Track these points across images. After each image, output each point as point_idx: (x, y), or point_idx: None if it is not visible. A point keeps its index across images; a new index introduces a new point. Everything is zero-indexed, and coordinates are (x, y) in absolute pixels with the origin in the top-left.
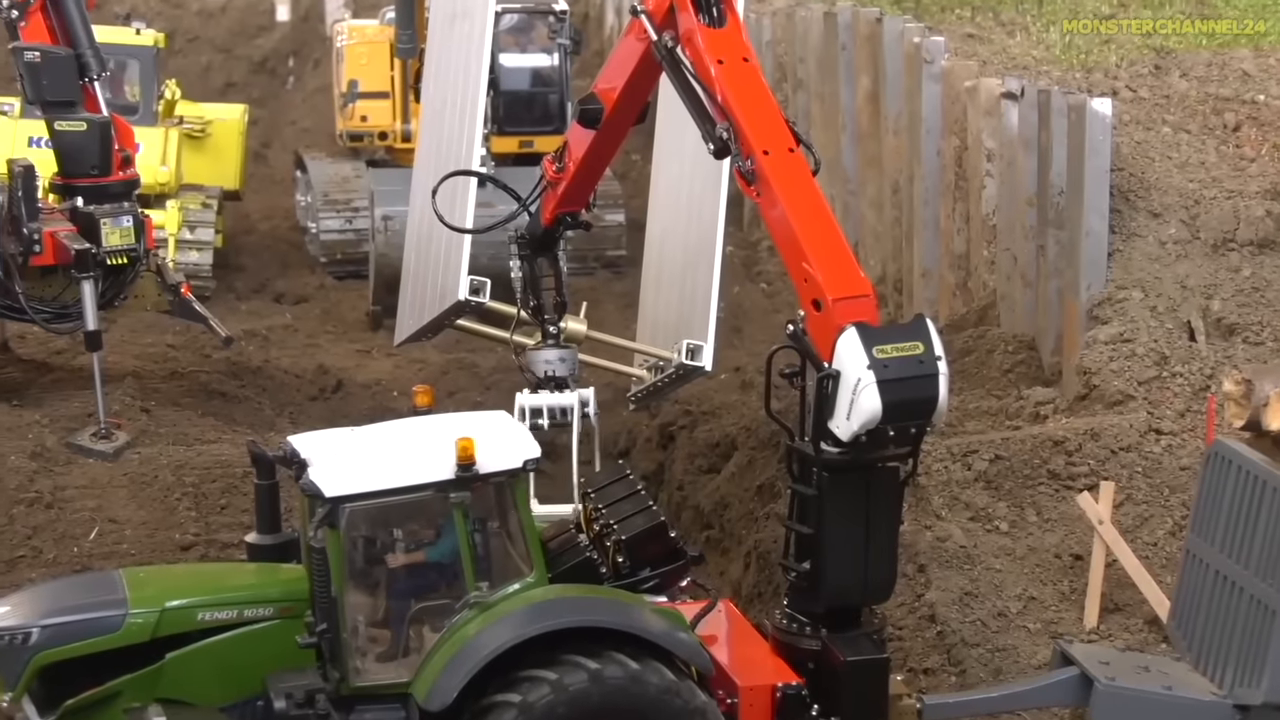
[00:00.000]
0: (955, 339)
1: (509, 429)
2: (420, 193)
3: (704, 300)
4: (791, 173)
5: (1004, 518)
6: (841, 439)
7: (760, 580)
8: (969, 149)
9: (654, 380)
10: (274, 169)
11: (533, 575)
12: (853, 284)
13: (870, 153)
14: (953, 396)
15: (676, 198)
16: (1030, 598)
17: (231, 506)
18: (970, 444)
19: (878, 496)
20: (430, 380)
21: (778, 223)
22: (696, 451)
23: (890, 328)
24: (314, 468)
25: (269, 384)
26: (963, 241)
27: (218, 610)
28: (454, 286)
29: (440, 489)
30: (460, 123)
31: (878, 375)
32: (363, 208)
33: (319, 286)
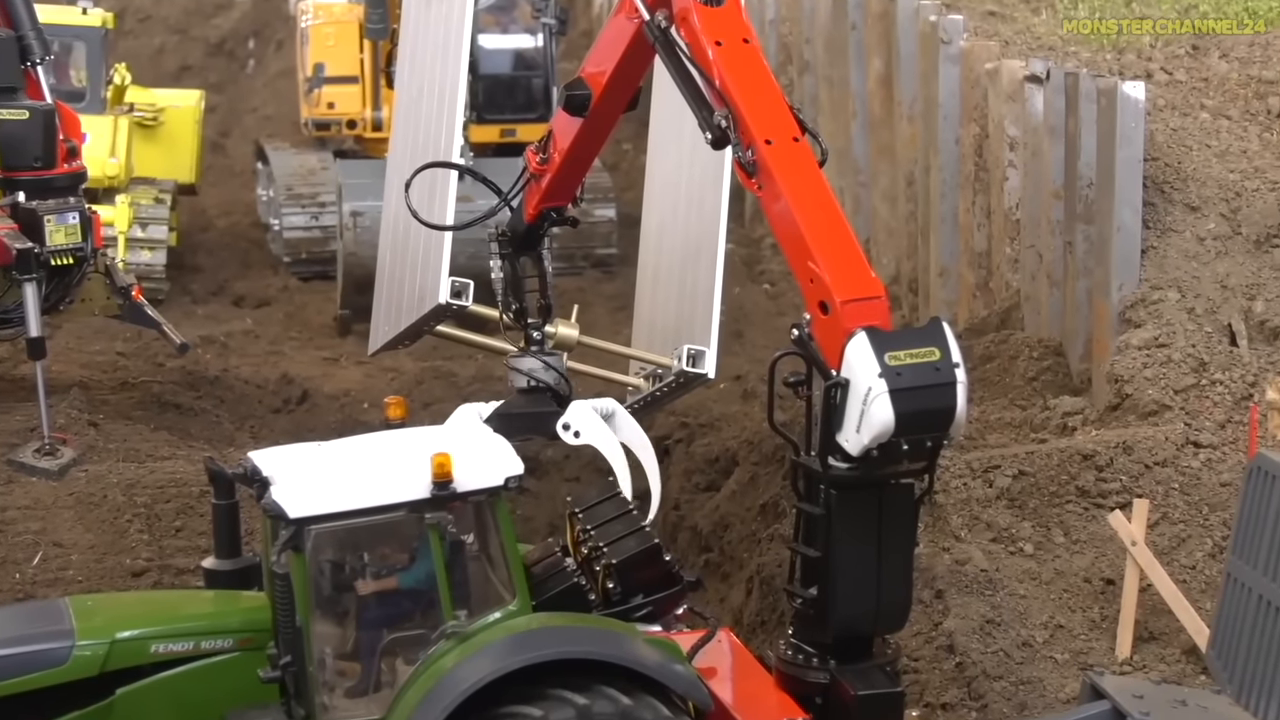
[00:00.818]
0: (975, 344)
1: (489, 443)
2: (394, 186)
3: (705, 301)
4: (796, 164)
5: (1029, 539)
6: (851, 453)
7: (763, 608)
8: (990, 137)
9: (652, 389)
10: (233, 160)
11: (515, 603)
12: (863, 285)
13: (883, 141)
14: (972, 407)
15: (674, 190)
16: (1058, 626)
17: (187, 529)
18: (992, 458)
19: (891, 516)
20: (404, 391)
21: (781, 218)
22: (694, 467)
23: (904, 332)
24: (277, 486)
25: (228, 395)
26: (983, 238)
27: (172, 642)
28: (434, 289)
29: (414, 509)
30: (438, 110)
31: (890, 384)
32: (330, 203)
33: (282, 289)
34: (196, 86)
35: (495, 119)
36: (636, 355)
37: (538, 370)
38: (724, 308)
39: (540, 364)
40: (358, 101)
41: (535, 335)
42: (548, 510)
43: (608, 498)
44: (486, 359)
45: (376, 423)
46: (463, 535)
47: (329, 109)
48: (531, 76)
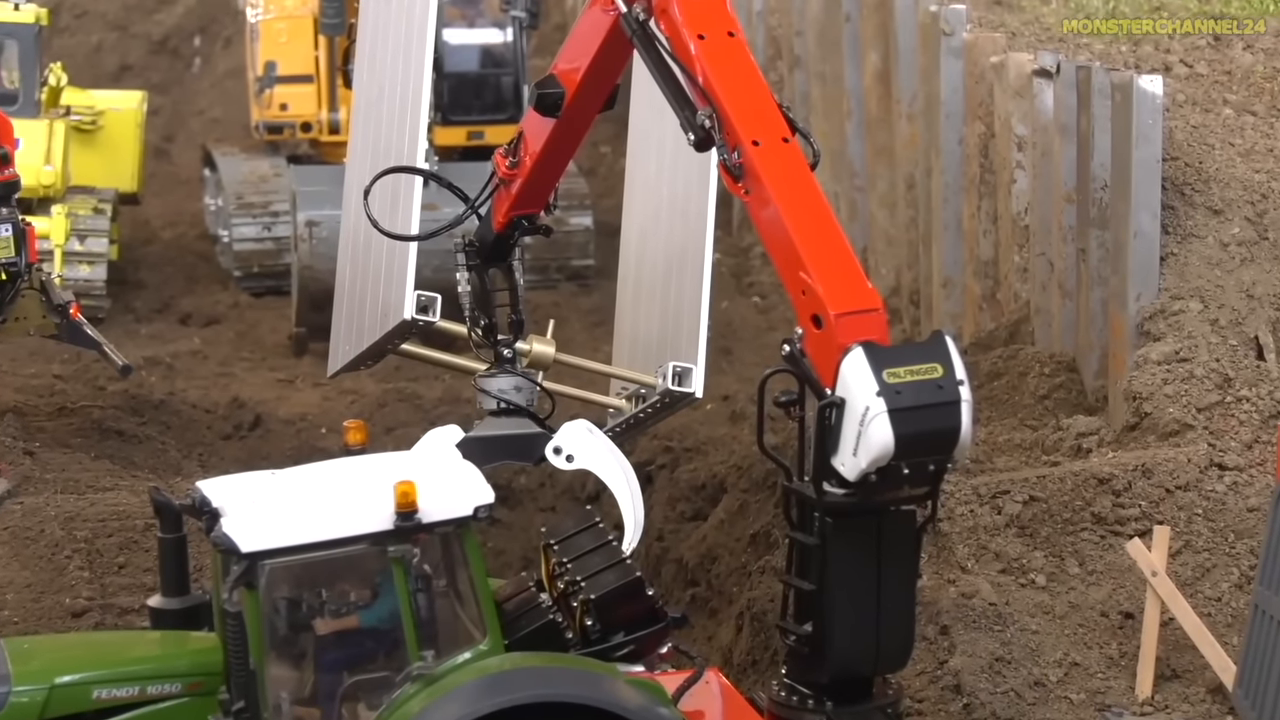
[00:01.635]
0: (982, 360)
1: (457, 470)
2: (353, 194)
3: (691, 315)
4: (786, 166)
5: (1041, 570)
6: (847, 478)
7: (754, 646)
8: (996, 137)
9: (634, 411)
10: (178, 167)
11: (486, 642)
12: (859, 296)
13: (880, 142)
14: (979, 427)
15: (656, 196)
16: (1073, 663)
17: (131, 565)
18: (1000, 483)
19: (891, 546)
20: (365, 414)
21: (770, 225)
22: (678, 495)
23: (904, 347)
24: (228, 518)
25: (174, 421)
26: (990, 245)
27: (116, 687)
28: (397, 304)
29: (377, 541)
30: (400, 111)
31: (889, 403)
32: (283, 212)
33: (233, 305)
34: (138, 87)
35: (461, 120)
36: (617, 374)
37: (509, 391)
38: (710, 323)
39: (512, 384)
40: (313, 102)
41: (506, 353)
42: (521, 542)
43: (585, 528)
44: (455, 379)
45: (335, 449)
46: (429, 569)
47: (282, 111)
48: (500, 74)
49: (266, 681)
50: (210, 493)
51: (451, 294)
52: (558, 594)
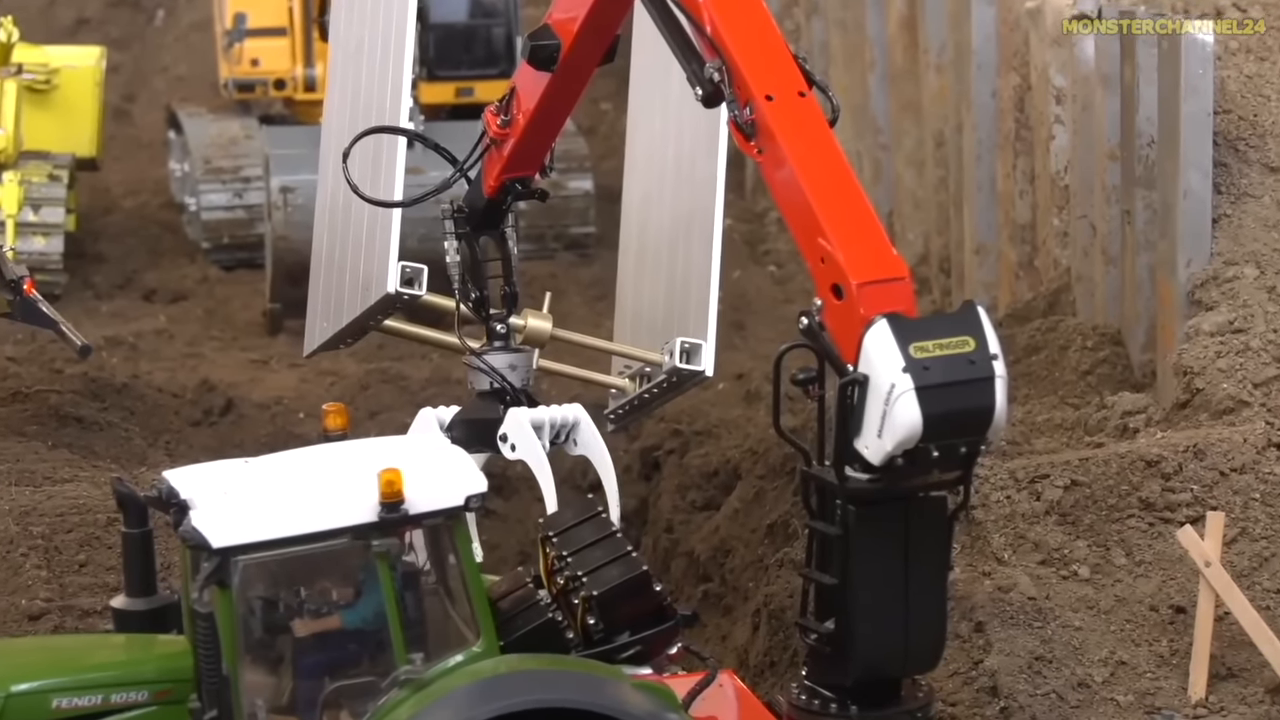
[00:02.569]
0: (1019, 332)
1: (446, 457)
2: (331, 157)
3: (700, 287)
4: (802, 123)
5: (1084, 560)
6: (871, 462)
7: (772, 645)
8: (1033, 89)
9: (639, 391)
10: (140, 129)
11: (480, 644)
12: (883, 264)
13: (907, 96)
14: (1015, 406)
15: (661, 158)
16: (1119, 662)
17: (92, 563)
18: (1039, 467)
19: (920, 536)
20: (346, 397)
21: (785, 187)
22: (689, 482)
23: (932, 319)
24: (197, 511)
25: (138, 406)
26: (1027, 208)
27: (77, 695)
28: (380, 277)
29: (359, 535)
30: (381, 66)
31: (916, 380)
32: (255, 177)
33: (201, 280)
34: (96, 43)
35: (449, 76)
36: (620, 351)
37: (503, 370)
38: (721, 295)
39: (506, 362)
40: (286, 57)
41: (499, 328)
42: (517, 535)
43: (586, 519)
44: (443, 358)
45: (313, 435)
46: (417, 565)
47: (253, 67)
48: (491, 25)
49: (241, 688)
50: (178, 483)
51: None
52: (557, 591)
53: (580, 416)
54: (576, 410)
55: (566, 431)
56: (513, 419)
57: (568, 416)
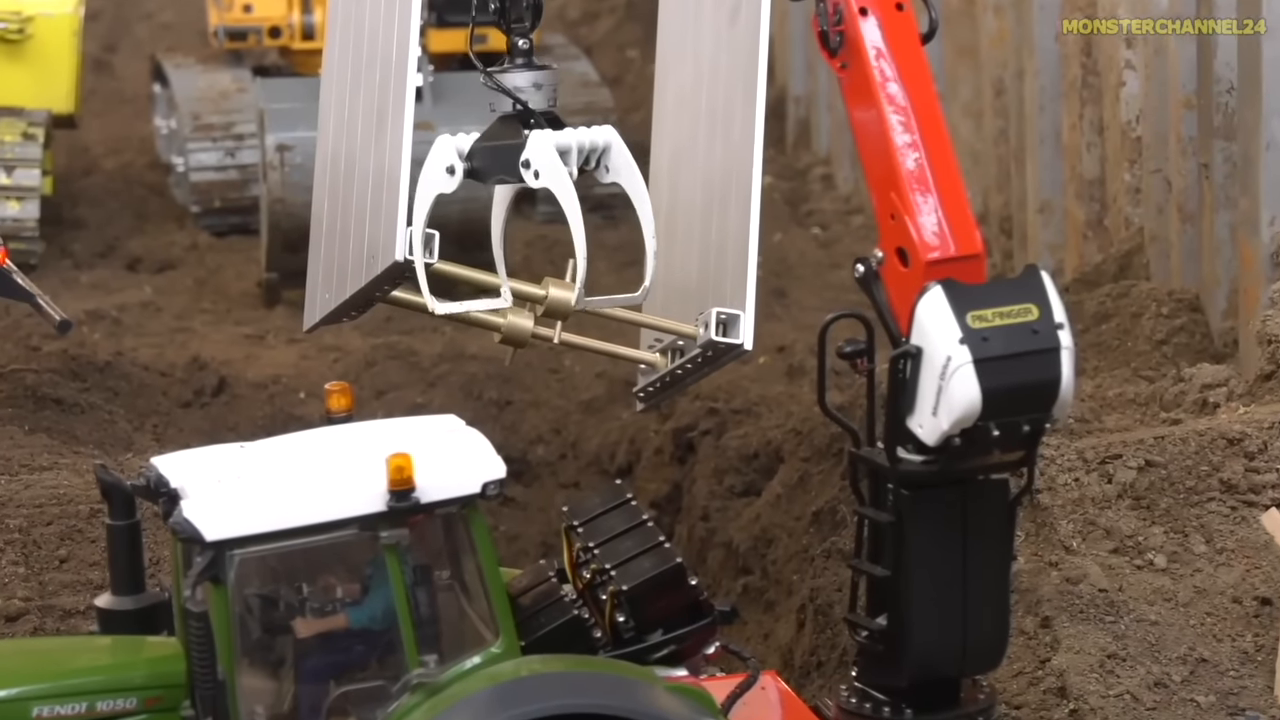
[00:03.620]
0: (1087, 299)
1: (461, 440)
2: (330, 110)
3: (737, 252)
4: (895, 48)
5: (1160, 548)
6: (926, 442)
7: (819, 644)
8: (1101, 31)
9: (670, 367)
10: (122, 82)
11: (499, 644)
12: (960, 238)
13: (963, 40)
14: (1084, 379)
15: (692, 109)
16: (1199, 659)
17: (75, 558)
18: (1111, 446)
19: (980, 523)
20: (350, 375)
21: (865, 121)
22: (726, 466)
23: (991, 285)
24: (189, 500)
25: (123, 386)
26: (1095, 162)
27: (59, 703)
28: (387, 243)
29: (366, 526)
30: (386, 10)
31: (974, 352)
32: (249, 135)
33: (190, 247)
34: None
35: (460, 21)
36: (650, 323)
37: (525, 90)
38: (761, 260)
39: (530, 80)
40: (282, 2)
41: (520, 43)
42: (538, 525)
43: (615, 506)
44: (456, 331)
45: (315, 417)
46: (429, 559)
47: (245, 13)
48: None
49: (238, 693)
50: (167, 471)
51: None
52: (583, 585)
53: (612, 139)
54: (607, 133)
55: (597, 156)
56: (535, 143)
57: (597, 140)
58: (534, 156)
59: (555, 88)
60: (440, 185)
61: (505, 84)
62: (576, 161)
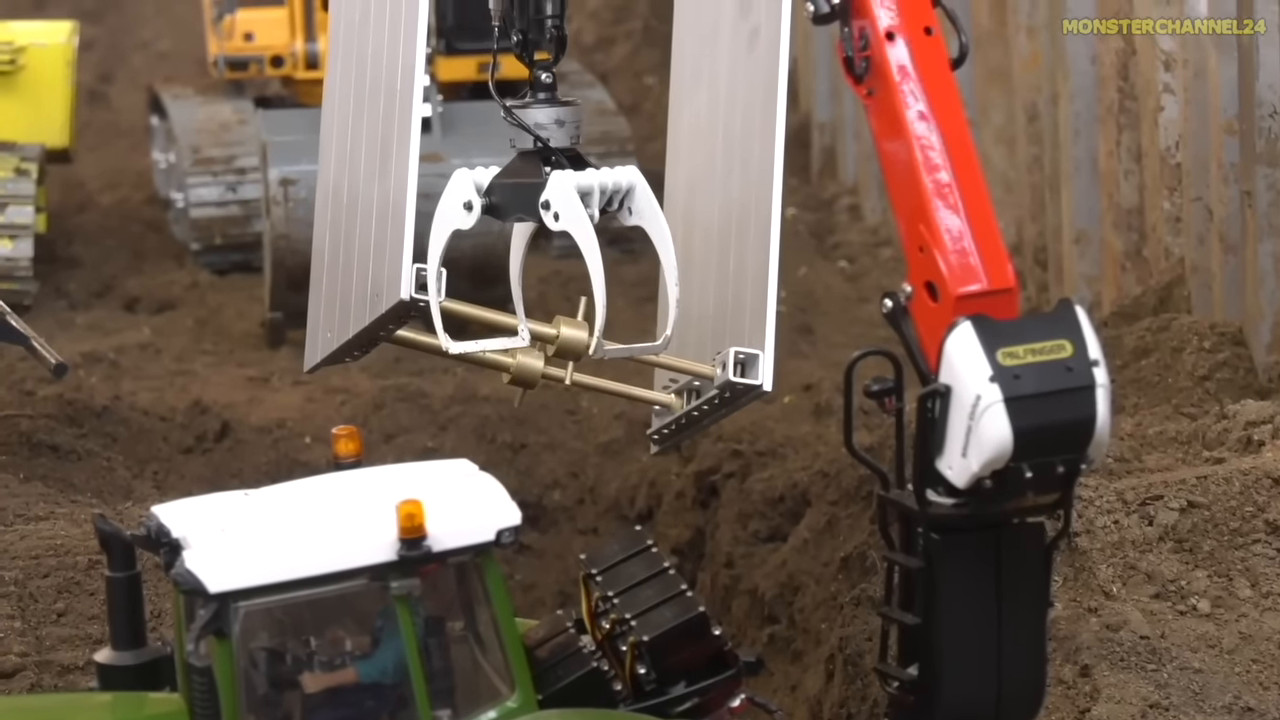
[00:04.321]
0: (1126, 333)
1: (474, 486)
2: (332, 142)
3: (756, 287)
4: (924, 72)
5: (1204, 593)
6: (956, 484)
7: (849, 695)
8: (1138, 52)
9: (687, 409)
10: (118, 114)
11: (515, 698)
12: (991, 272)
13: (994, 62)
14: (1122, 417)
15: (708, 138)
16: (1245, 708)
17: (72, 612)
18: (1152, 486)
19: (1015, 568)
20: (358, 418)
21: (892, 151)
22: (750, 510)
23: (1023, 321)
24: (191, 551)
25: (121, 431)
26: (1133, 189)
27: None
28: (393, 280)
29: (376, 576)
30: (391, 38)
31: (1005, 390)
32: (251, 168)
33: (190, 286)
34: (66, 16)
35: (470, 49)
36: (665, 363)
37: (547, 126)
38: (783, 295)
39: (551, 116)
40: (284, 30)
41: (543, 77)
42: (555, 573)
43: (635, 553)
44: (468, 372)
45: (322, 462)
46: (442, 609)
47: (246, 42)
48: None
49: None
50: (169, 520)
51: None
52: (602, 636)
53: (635, 180)
54: (630, 173)
55: (620, 198)
56: (555, 184)
57: (620, 181)
58: (554, 198)
59: (578, 124)
60: (457, 221)
61: (526, 120)
62: (599, 203)
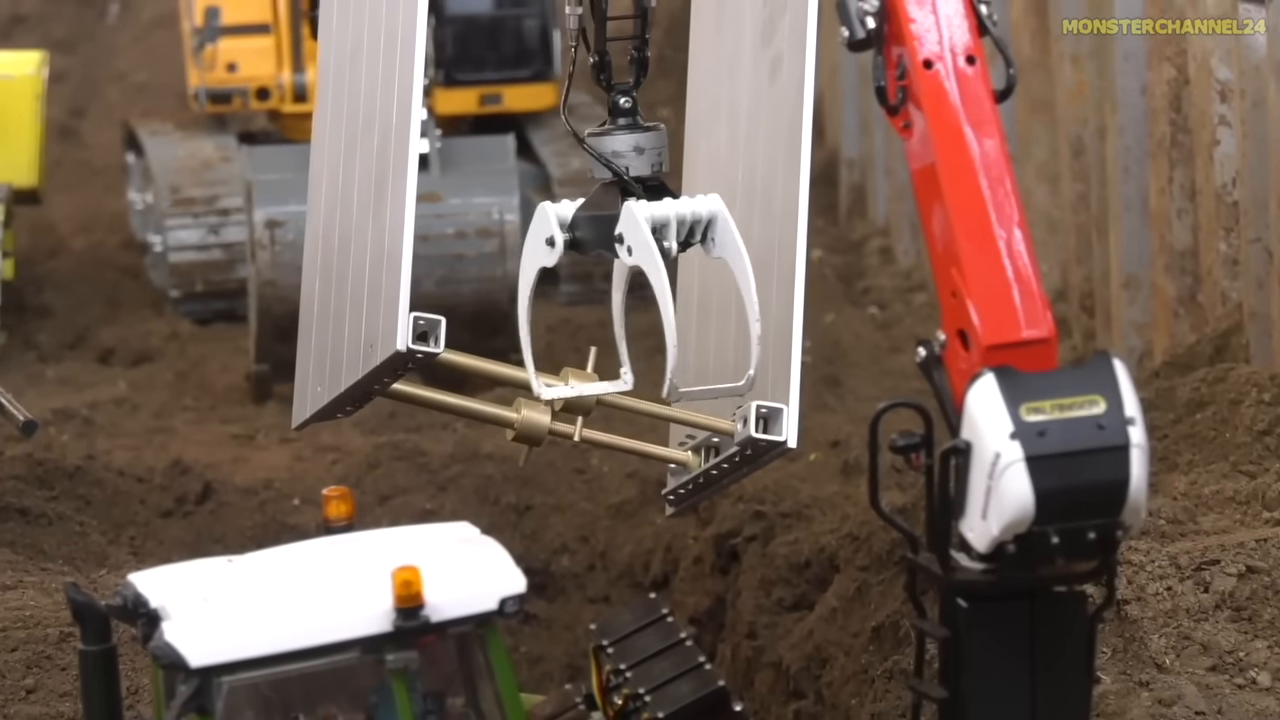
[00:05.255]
0: (1180, 385)
1: (476, 551)
2: (322, 181)
3: (779, 337)
4: (965, 104)
5: (1264, 665)
6: (977, 549)
7: None
8: (1192, 83)
9: (705, 467)
10: (91, 151)
11: None
12: (1029, 320)
13: (1037, 93)
14: (1176, 475)
15: (728, 175)
16: None
17: (43, 688)
18: (1207, 550)
19: (1054, 640)
20: (350, 479)
21: (929, 189)
22: (774, 577)
23: (1054, 374)
24: (171, 622)
25: (95, 494)
26: (1186, 230)
27: None
28: (388, 330)
29: (371, 648)
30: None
31: (1027, 448)
32: (235, 209)
33: (169, 337)
34: (35, 45)
35: (471, 80)
36: (681, 418)
37: (626, 154)
38: (808, 344)
39: (631, 144)
40: (270, 60)
41: (622, 102)
42: (564, 645)
43: (649, 623)
44: (469, 429)
45: (312, 526)
46: (442, 684)
47: (229, 73)
48: (521, 16)
49: None
50: (147, 588)
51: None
52: (614, 713)
53: (718, 211)
54: (713, 203)
55: (702, 229)
56: (628, 215)
57: (700, 211)
58: (627, 231)
59: (661, 150)
60: (541, 259)
61: (601, 149)
62: (677, 235)
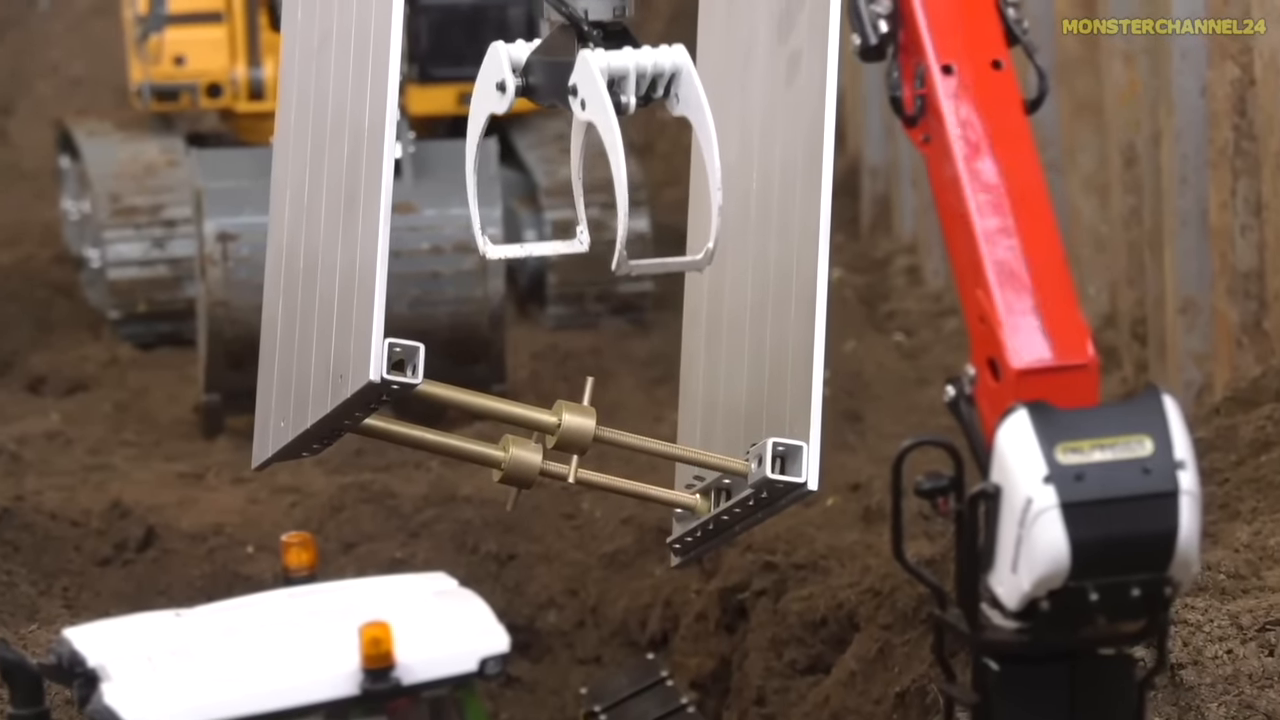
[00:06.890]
0: (1243, 423)
1: (453, 605)
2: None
3: (798, 366)
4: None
5: None
6: (1007, 605)
7: None
8: (1256, 84)
9: (714, 512)
10: (20, 154)
11: None
12: (1062, 344)
13: (1083, 96)
14: (1238, 524)
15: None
16: None
17: None
18: (1273, 609)
19: (1096, 708)
20: (312, 524)
21: (952, 205)
22: (787, 636)
23: (1096, 410)
24: (111, 683)
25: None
26: (1251, 249)
27: None
28: (360, 359)
29: (335, 713)
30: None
31: (1063, 494)
32: (182, 220)
33: (108, 363)
34: None
35: (449, 76)
36: (689, 457)
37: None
38: (829, 375)
39: None
40: (223, 53)
41: None
42: (551, 710)
43: (646, 687)
44: (445, 467)
45: (268, 576)
46: None
47: (177, 66)
48: (506, 4)
49: None
50: (84, 645)
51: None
52: None
53: (681, 64)
54: (676, 55)
55: (664, 84)
56: (583, 65)
57: (663, 63)
58: (581, 82)
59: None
60: (492, 104)
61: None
62: (636, 90)
